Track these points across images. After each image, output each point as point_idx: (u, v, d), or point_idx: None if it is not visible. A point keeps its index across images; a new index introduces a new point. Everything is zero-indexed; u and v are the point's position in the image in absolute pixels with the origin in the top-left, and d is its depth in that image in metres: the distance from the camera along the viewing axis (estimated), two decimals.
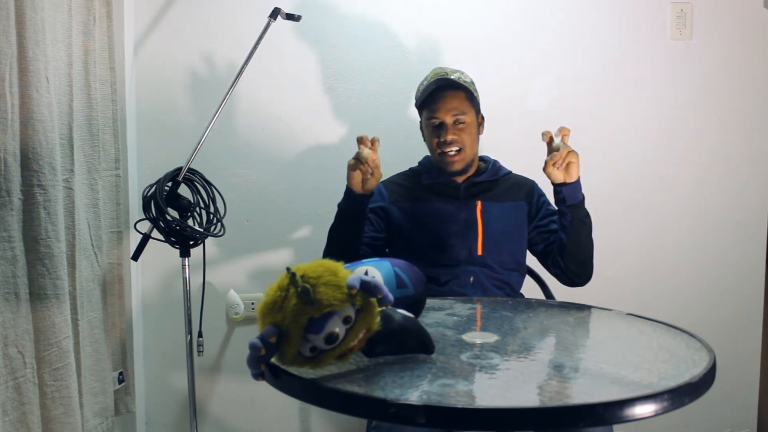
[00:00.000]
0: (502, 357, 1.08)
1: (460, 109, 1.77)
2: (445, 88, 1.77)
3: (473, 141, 1.81)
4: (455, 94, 1.77)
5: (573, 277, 1.79)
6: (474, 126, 1.81)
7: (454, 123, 1.77)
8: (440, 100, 1.77)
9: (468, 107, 1.79)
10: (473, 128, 1.81)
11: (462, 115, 1.77)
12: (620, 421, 0.86)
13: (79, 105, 1.84)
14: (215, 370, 2.31)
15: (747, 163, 2.37)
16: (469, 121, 1.78)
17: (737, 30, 2.34)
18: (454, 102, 1.77)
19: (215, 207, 1.92)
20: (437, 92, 1.77)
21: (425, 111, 1.82)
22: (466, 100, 1.78)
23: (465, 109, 1.78)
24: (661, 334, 1.23)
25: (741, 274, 2.39)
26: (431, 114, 1.79)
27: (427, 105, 1.80)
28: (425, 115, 1.82)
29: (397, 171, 1.98)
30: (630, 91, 2.34)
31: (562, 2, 2.31)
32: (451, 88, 1.78)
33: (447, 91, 1.77)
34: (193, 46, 2.22)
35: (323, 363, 0.96)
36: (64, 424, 1.66)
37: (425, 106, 1.81)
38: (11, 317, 1.54)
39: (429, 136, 1.82)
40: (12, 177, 1.54)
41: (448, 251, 1.78)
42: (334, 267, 0.97)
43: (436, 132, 1.79)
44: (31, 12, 1.56)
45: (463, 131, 1.78)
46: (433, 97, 1.78)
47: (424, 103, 1.81)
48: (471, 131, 1.80)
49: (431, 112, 1.79)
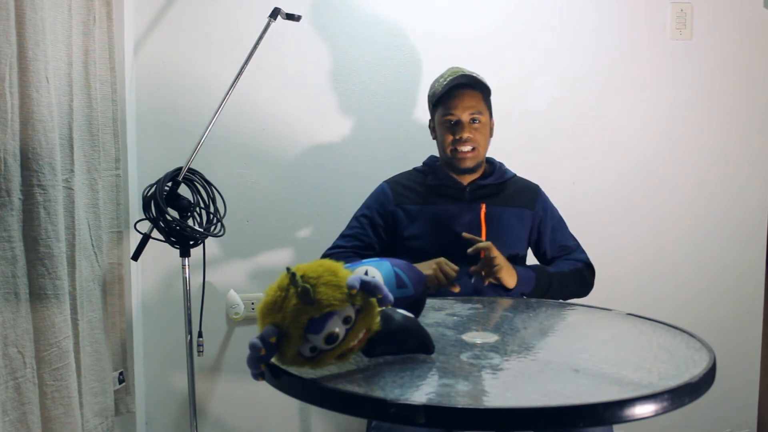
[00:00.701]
0: (502, 357, 1.08)
1: (477, 108, 1.78)
2: (464, 86, 1.78)
3: (486, 141, 1.83)
4: (473, 93, 1.78)
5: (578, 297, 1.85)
6: (487, 127, 1.82)
7: (471, 121, 1.77)
8: (458, 98, 1.77)
9: (484, 108, 1.80)
10: (487, 129, 1.82)
11: (478, 114, 1.78)
12: (620, 421, 0.86)
13: (79, 105, 1.84)
14: (215, 370, 2.31)
15: (747, 163, 2.37)
16: (484, 121, 1.79)
17: (737, 30, 2.34)
18: (472, 101, 1.77)
19: (215, 207, 1.92)
20: (455, 89, 1.78)
21: (440, 108, 1.81)
22: (482, 101, 1.80)
23: (481, 109, 1.79)
24: (661, 334, 1.23)
25: (741, 274, 2.39)
26: (447, 111, 1.79)
27: (443, 102, 1.80)
28: (440, 111, 1.81)
29: (398, 171, 1.97)
30: (630, 91, 2.34)
31: (562, 2, 2.31)
32: (469, 86, 1.78)
33: (465, 90, 1.78)
34: (193, 46, 2.22)
35: (323, 363, 0.96)
36: (64, 424, 1.66)
37: (441, 104, 1.81)
38: (11, 317, 1.54)
39: (443, 133, 1.81)
40: (12, 177, 1.54)
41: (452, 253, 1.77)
42: (334, 267, 0.97)
43: (452, 129, 1.79)
44: (31, 12, 1.56)
45: (479, 131, 1.78)
46: (451, 95, 1.78)
47: (440, 100, 1.81)
48: (485, 131, 1.81)
49: (447, 109, 1.79)
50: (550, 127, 2.32)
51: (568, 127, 2.33)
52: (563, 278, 1.78)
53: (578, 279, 1.81)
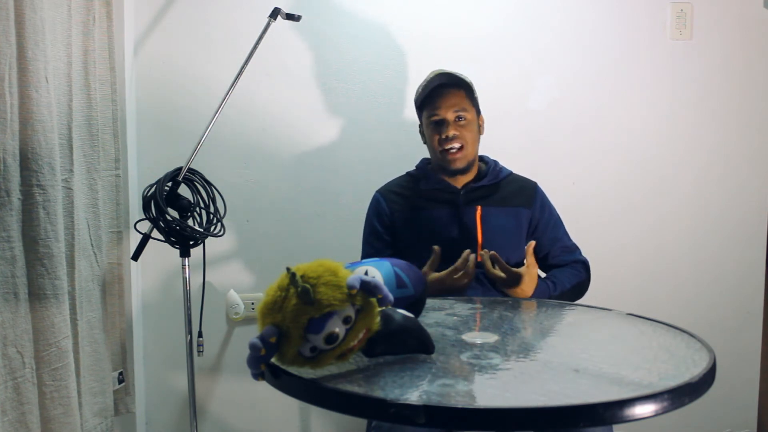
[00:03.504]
0: (502, 357, 1.08)
1: (461, 105, 1.78)
2: (446, 85, 1.78)
3: (474, 139, 1.82)
4: (456, 91, 1.78)
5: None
6: (475, 124, 1.82)
7: (456, 119, 1.77)
8: (441, 97, 1.78)
9: (468, 105, 1.80)
10: (474, 126, 1.81)
11: (463, 111, 1.78)
12: (620, 421, 0.86)
13: (78, 105, 1.84)
14: (215, 370, 2.31)
15: (747, 163, 2.37)
16: (469, 118, 1.79)
17: (737, 30, 2.34)
18: (455, 99, 1.78)
19: (215, 207, 1.92)
20: (437, 90, 1.78)
21: (426, 110, 1.82)
22: (466, 98, 1.79)
23: (466, 107, 1.79)
24: (661, 334, 1.23)
25: (741, 274, 2.39)
26: (432, 111, 1.79)
27: (427, 103, 1.80)
28: (426, 113, 1.82)
29: (398, 171, 1.97)
30: (630, 91, 2.34)
31: (562, 2, 2.31)
32: (451, 85, 1.78)
33: (447, 89, 1.78)
34: (193, 45, 2.22)
35: (323, 363, 0.96)
36: (63, 424, 1.66)
37: (426, 105, 1.81)
38: (10, 317, 1.54)
39: (430, 134, 1.82)
40: (11, 177, 1.54)
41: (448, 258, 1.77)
42: (334, 267, 0.97)
43: (438, 129, 1.79)
44: (30, 12, 1.56)
45: (465, 128, 1.78)
46: (434, 95, 1.78)
47: (425, 102, 1.81)
48: (472, 129, 1.80)
49: (432, 109, 1.79)
50: (550, 127, 2.32)
51: (568, 127, 2.33)
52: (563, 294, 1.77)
53: (578, 291, 1.82)
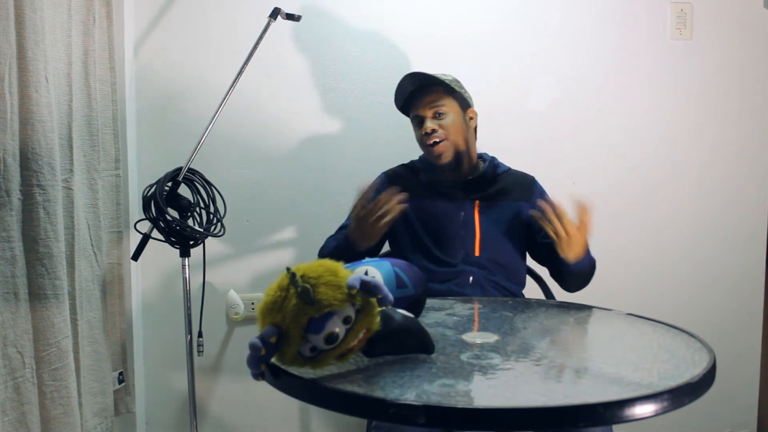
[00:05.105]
0: (502, 357, 1.08)
1: (438, 101, 1.81)
2: (420, 88, 1.83)
3: (458, 131, 1.82)
4: (431, 89, 1.82)
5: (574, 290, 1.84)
6: (457, 117, 1.82)
7: (434, 115, 1.80)
8: (417, 98, 1.83)
9: (447, 99, 1.82)
10: (456, 118, 1.82)
11: (441, 106, 1.80)
12: (620, 421, 0.86)
13: (78, 105, 1.84)
14: (215, 370, 2.31)
15: (747, 163, 2.37)
16: (447, 110, 1.81)
17: (737, 30, 2.34)
18: (431, 96, 1.81)
19: (215, 207, 1.92)
20: (414, 93, 1.84)
21: (410, 114, 1.88)
22: (443, 93, 1.82)
23: (443, 101, 1.81)
24: (661, 334, 1.23)
25: (741, 274, 2.38)
26: (414, 113, 1.85)
27: (407, 107, 1.88)
28: (411, 116, 1.88)
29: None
30: (630, 91, 2.34)
31: (562, 2, 2.31)
32: (425, 86, 1.82)
33: (422, 89, 1.83)
34: (193, 46, 2.22)
35: (323, 363, 0.96)
36: (63, 424, 1.66)
37: (410, 111, 1.87)
38: (10, 317, 1.54)
39: (415, 133, 1.87)
40: (11, 177, 1.54)
41: (446, 251, 1.78)
42: (334, 267, 0.97)
43: (420, 126, 1.83)
44: (30, 12, 1.56)
45: (443, 120, 1.80)
46: (412, 98, 1.85)
47: (403, 108, 1.89)
48: (454, 121, 1.81)
49: (413, 111, 1.85)
50: (550, 127, 2.32)
51: (568, 127, 2.33)
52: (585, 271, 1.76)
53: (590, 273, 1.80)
